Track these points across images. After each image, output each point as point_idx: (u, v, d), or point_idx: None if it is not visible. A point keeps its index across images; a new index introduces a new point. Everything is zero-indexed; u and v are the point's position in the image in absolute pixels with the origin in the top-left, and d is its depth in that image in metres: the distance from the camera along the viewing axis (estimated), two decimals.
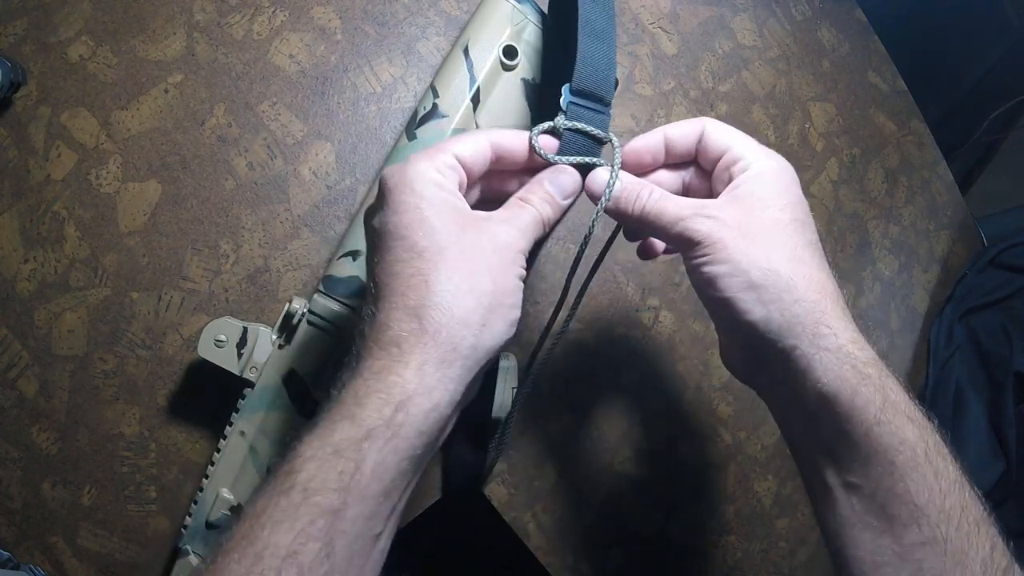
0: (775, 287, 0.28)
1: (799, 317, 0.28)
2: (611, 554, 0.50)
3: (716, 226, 0.29)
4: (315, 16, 0.47)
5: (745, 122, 0.57)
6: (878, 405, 0.27)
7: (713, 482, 0.53)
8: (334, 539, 0.23)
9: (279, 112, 0.45)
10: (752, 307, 0.28)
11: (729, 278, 0.28)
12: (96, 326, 0.42)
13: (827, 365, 0.27)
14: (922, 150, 0.67)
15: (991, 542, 0.26)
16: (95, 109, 0.43)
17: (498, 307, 0.27)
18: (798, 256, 0.29)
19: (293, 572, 0.22)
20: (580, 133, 0.31)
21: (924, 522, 0.26)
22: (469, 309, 0.26)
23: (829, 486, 0.29)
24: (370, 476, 0.24)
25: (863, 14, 0.66)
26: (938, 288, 0.65)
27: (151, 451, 0.42)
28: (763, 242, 0.29)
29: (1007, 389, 0.59)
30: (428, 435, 0.26)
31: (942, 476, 0.26)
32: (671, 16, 0.56)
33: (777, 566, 0.54)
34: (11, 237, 0.42)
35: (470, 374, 0.27)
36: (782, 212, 0.30)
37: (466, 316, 0.26)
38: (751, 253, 0.28)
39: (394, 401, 0.25)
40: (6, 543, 0.41)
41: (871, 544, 0.27)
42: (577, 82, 0.31)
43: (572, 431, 0.49)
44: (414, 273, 0.26)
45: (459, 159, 0.29)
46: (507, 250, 0.28)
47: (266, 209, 0.45)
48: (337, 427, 0.25)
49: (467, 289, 0.26)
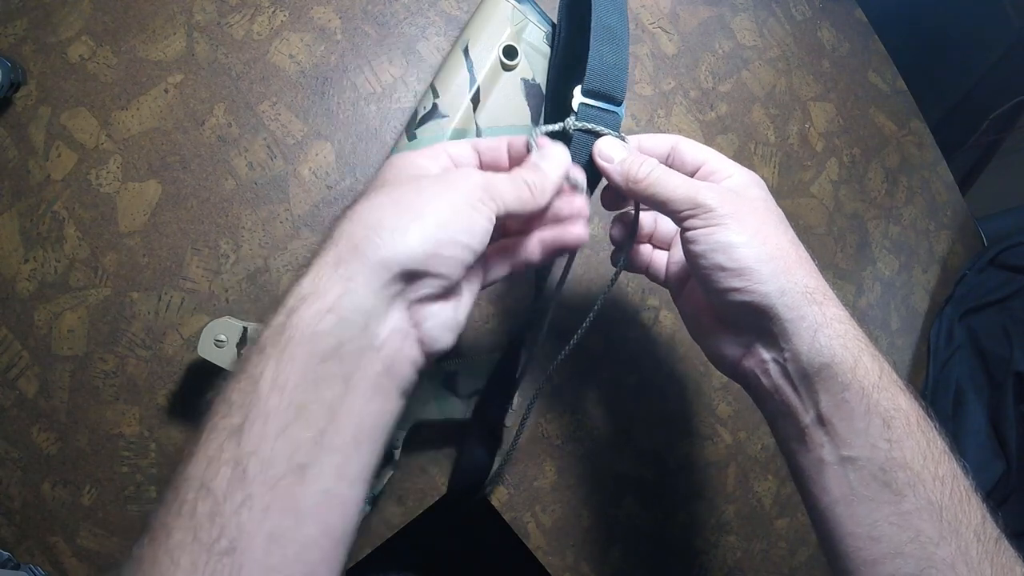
0: (786, 259, 0.30)
1: (809, 288, 0.29)
2: (611, 554, 0.50)
3: (727, 198, 0.30)
4: (315, 16, 0.47)
5: (745, 122, 0.57)
6: (876, 373, 0.28)
7: (713, 482, 0.53)
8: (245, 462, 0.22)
9: (279, 112, 0.45)
10: (767, 276, 0.29)
11: (746, 247, 0.29)
12: (96, 326, 0.42)
13: (834, 334, 0.28)
14: (922, 150, 0.67)
15: (982, 512, 0.27)
16: (95, 109, 0.43)
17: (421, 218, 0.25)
18: (793, 240, 0.31)
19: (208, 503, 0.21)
20: (591, 133, 0.32)
21: (920, 488, 0.26)
22: (383, 216, 0.25)
23: (824, 463, 0.29)
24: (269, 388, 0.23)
25: (863, 14, 0.66)
26: (938, 288, 0.65)
27: (151, 451, 0.42)
28: (764, 222, 0.31)
29: (1007, 389, 0.59)
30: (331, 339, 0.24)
31: (933, 444, 0.27)
32: (671, 16, 0.56)
33: (777, 566, 0.54)
34: (11, 237, 0.42)
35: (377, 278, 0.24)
36: (772, 205, 0.32)
37: (377, 222, 0.25)
38: (760, 228, 0.30)
39: (286, 308, 0.24)
40: (6, 543, 0.41)
41: (867, 518, 0.27)
42: (589, 83, 0.32)
43: (572, 431, 0.49)
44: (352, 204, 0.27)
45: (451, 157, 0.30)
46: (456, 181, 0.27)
47: (266, 209, 0.45)
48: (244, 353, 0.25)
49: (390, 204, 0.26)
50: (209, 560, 0.20)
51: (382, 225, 0.25)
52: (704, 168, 0.33)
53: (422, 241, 0.25)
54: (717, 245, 0.30)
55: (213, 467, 0.22)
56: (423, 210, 0.26)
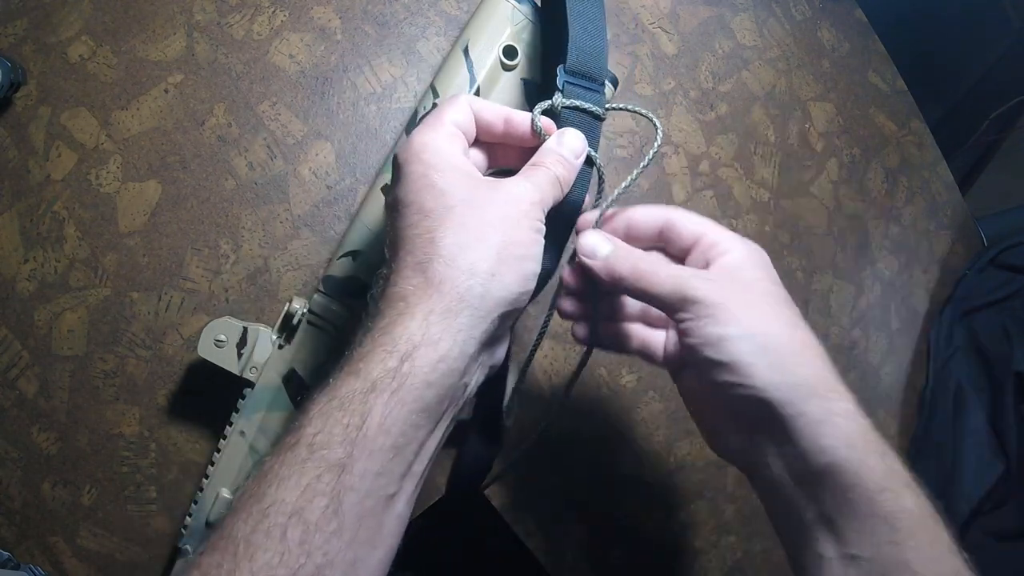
0: (781, 351, 0.28)
1: (808, 380, 0.28)
2: (611, 554, 0.50)
3: (717, 288, 0.29)
4: (315, 16, 0.47)
5: (745, 122, 0.57)
6: (881, 472, 0.27)
7: (713, 482, 0.53)
8: (342, 495, 0.23)
9: (279, 112, 0.45)
10: (762, 371, 0.27)
11: (738, 341, 0.28)
12: (96, 326, 0.42)
13: (838, 431, 0.27)
14: (922, 150, 0.67)
15: None
16: (95, 109, 0.43)
17: (509, 257, 0.26)
18: (794, 323, 0.29)
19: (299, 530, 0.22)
20: (578, 111, 0.32)
21: None
22: (476, 259, 0.26)
23: (825, 559, 0.28)
24: (377, 429, 0.23)
25: (863, 14, 0.66)
26: (938, 288, 0.65)
27: (151, 451, 0.42)
28: (760, 309, 0.29)
29: (1007, 389, 0.59)
30: (438, 387, 0.25)
31: (937, 543, 0.26)
32: (671, 16, 0.56)
33: (777, 566, 0.54)
34: (11, 237, 0.42)
35: (482, 325, 0.26)
36: (771, 286, 0.31)
37: (472, 266, 0.26)
38: (754, 317, 0.29)
39: (399, 353, 0.24)
40: (6, 543, 0.41)
41: None
42: (571, 63, 0.32)
43: (572, 431, 0.49)
44: (421, 232, 0.26)
45: (456, 125, 0.29)
46: (519, 202, 0.28)
47: (266, 209, 0.45)
48: (343, 382, 0.25)
49: (474, 240, 0.26)
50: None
51: (477, 269, 0.26)
52: (702, 242, 0.32)
53: (515, 282, 0.27)
54: (708, 339, 0.28)
55: (308, 495, 0.22)
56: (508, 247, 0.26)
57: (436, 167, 0.27)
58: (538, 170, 0.30)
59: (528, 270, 0.27)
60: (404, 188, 0.28)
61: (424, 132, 0.29)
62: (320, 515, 0.22)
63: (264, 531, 0.22)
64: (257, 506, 0.22)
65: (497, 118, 0.31)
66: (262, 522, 0.22)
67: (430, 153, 0.28)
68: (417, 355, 0.25)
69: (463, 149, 0.29)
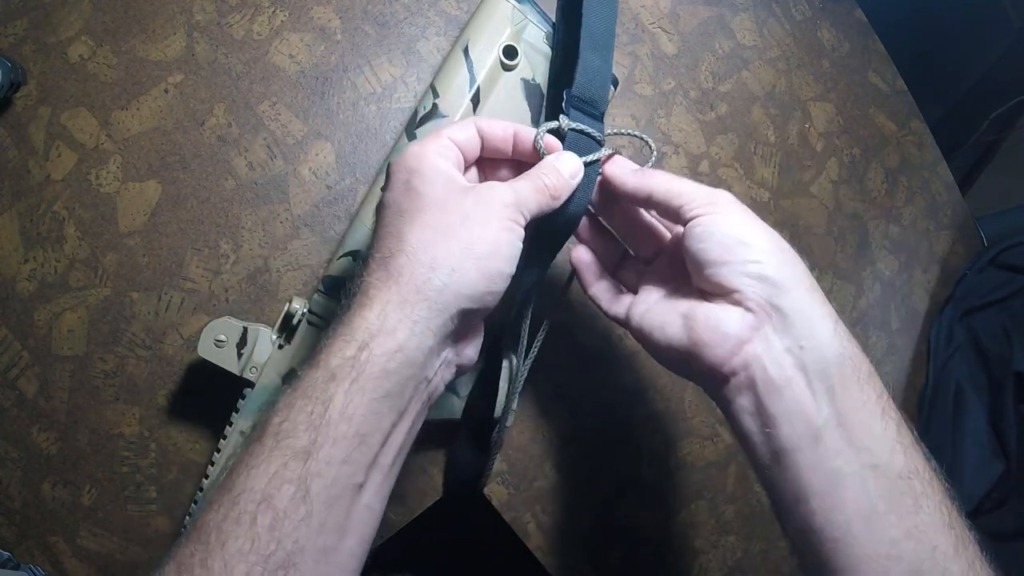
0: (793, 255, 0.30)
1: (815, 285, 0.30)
2: (611, 554, 0.50)
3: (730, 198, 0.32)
4: (315, 16, 0.47)
5: (745, 122, 0.57)
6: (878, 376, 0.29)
7: (713, 482, 0.53)
8: (309, 481, 0.23)
9: (279, 112, 0.45)
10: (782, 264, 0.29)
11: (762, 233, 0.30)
12: (96, 326, 0.42)
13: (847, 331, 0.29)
14: (922, 150, 0.66)
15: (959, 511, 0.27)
16: (95, 109, 0.43)
17: (473, 255, 0.27)
18: None
19: (269, 516, 0.22)
20: (583, 134, 0.33)
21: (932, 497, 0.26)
22: (438, 255, 0.26)
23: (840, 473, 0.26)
24: (339, 416, 0.24)
25: (863, 14, 0.66)
26: (938, 288, 0.65)
27: (151, 451, 0.42)
28: None
29: (1007, 389, 0.59)
30: (397, 376, 0.26)
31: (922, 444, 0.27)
32: (671, 16, 0.56)
33: (777, 566, 0.54)
34: (11, 237, 0.42)
35: (439, 318, 0.27)
36: None
37: (434, 260, 0.26)
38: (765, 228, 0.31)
39: (356, 342, 0.25)
40: (6, 543, 0.41)
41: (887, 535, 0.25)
42: (576, 90, 0.33)
43: (572, 431, 0.49)
44: (392, 231, 0.27)
45: (454, 142, 0.30)
46: (491, 202, 0.28)
47: (266, 209, 0.45)
48: (307, 374, 0.25)
49: (440, 237, 0.27)
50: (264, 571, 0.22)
51: (438, 263, 0.26)
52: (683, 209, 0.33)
53: (477, 280, 0.27)
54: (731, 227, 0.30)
55: (276, 483, 0.23)
56: (473, 244, 0.27)
57: (419, 172, 0.28)
58: (522, 177, 0.31)
59: (494, 268, 0.27)
60: (388, 192, 0.29)
61: (419, 143, 0.30)
62: (288, 502, 0.23)
63: (235, 519, 0.22)
64: (228, 495, 0.23)
65: (506, 132, 0.32)
66: (232, 510, 0.22)
67: (417, 161, 0.29)
68: (374, 344, 0.25)
69: (455, 161, 0.30)
